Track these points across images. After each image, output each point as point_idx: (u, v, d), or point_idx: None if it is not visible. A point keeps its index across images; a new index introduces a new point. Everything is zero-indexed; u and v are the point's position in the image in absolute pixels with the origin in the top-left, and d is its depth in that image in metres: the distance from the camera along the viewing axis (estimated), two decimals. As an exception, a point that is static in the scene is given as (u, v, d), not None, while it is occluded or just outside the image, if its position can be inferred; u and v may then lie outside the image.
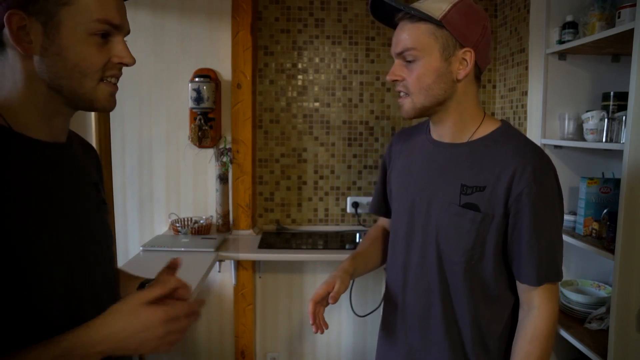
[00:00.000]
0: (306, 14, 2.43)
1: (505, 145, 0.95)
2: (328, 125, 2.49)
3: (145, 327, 0.66)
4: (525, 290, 0.96)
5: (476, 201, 0.94)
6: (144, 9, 2.30)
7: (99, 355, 0.64)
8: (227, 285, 2.42)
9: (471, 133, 0.99)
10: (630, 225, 1.35)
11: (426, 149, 1.06)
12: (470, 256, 0.96)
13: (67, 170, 0.74)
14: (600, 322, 1.63)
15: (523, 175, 0.91)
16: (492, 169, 0.94)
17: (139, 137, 2.36)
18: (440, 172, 1.00)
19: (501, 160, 0.93)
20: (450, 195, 0.97)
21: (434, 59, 0.92)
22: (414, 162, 1.08)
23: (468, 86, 0.97)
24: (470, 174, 0.96)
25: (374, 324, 2.54)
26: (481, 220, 0.94)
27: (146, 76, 2.33)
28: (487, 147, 0.97)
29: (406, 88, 0.96)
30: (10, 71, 0.67)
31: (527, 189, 0.90)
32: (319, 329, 0.99)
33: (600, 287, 1.85)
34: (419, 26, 0.91)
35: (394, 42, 0.96)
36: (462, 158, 0.98)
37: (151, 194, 2.39)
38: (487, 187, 0.93)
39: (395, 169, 1.15)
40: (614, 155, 1.86)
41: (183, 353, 2.47)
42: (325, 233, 2.45)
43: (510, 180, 0.91)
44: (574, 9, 1.83)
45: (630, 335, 1.37)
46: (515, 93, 2.29)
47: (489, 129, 0.98)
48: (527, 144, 0.97)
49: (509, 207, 0.93)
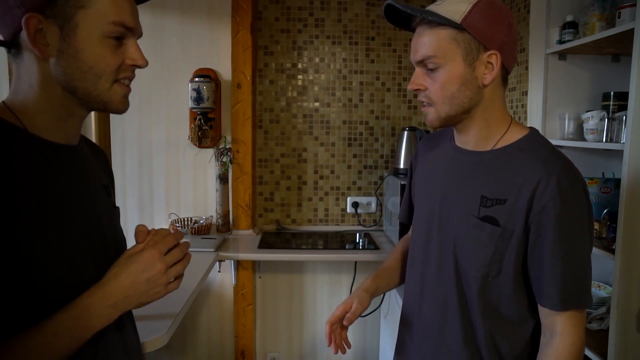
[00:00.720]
0: (306, 14, 2.43)
1: (530, 154, 0.88)
2: (328, 125, 2.48)
3: (144, 266, 0.69)
4: (547, 315, 0.88)
5: (496, 214, 0.87)
6: (144, 9, 2.27)
7: (112, 309, 0.67)
8: (227, 286, 2.42)
9: (496, 140, 0.92)
10: (631, 226, 1.35)
11: (449, 156, 1.00)
12: (487, 272, 0.89)
13: (80, 173, 0.76)
14: (600, 322, 1.63)
15: (547, 188, 0.83)
16: (514, 180, 0.86)
17: (139, 137, 2.36)
18: (460, 180, 0.95)
19: (524, 171, 0.86)
20: (469, 206, 0.91)
21: (457, 65, 0.85)
22: (436, 169, 1.03)
23: (495, 90, 0.90)
24: (491, 184, 0.89)
25: (374, 324, 2.54)
26: (500, 235, 0.87)
27: (146, 76, 2.33)
28: (510, 156, 0.89)
29: (429, 98, 0.90)
30: (26, 74, 0.68)
31: (551, 202, 0.82)
32: (340, 349, 0.96)
33: (600, 287, 1.85)
34: (438, 32, 0.85)
35: (413, 49, 0.89)
36: (484, 167, 0.91)
37: (151, 194, 2.39)
38: (508, 199, 0.86)
39: (418, 175, 1.10)
40: (614, 155, 1.86)
41: (183, 353, 2.47)
42: (325, 233, 2.45)
43: (532, 193, 0.84)
44: (574, 9, 1.82)
45: (630, 335, 1.37)
46: (515, 93, 2.29)
47: (515, 137, 0.91)
48: (554, 153, 0.89)
49: (529, 222, 0.85)
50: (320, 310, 2.52)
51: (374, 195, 2.53)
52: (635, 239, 1.35)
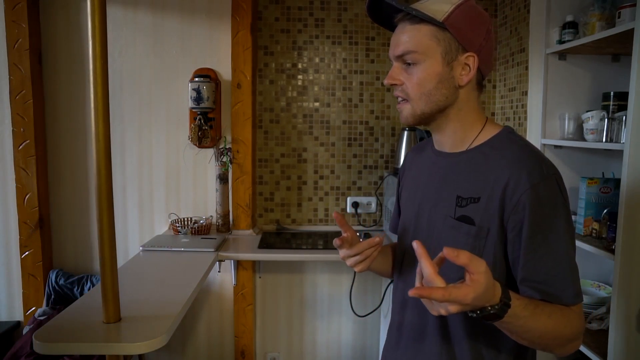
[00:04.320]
0: (306, 14, 2.43)
1: (502, 152, 0.87)
2: (328, 125, 2.48)
3: None
4: None
5: (471, 214, 0.87)
6: (144, 9, 2.30)
7: None
8: (227, 285, 2.42)
9: (471, 141, 0.93)
10: (631, 225, 1.35)
11: (430, 161, 1.02)
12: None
13: None
14: (600, 322, 1.63)
15: (518, 185, 0.81)
16: (487, 178, 0.86)
17: (139, 137, 2.36)
18: (440, 183, 0.95)
19: (496, 168, 0.85)
20: (447, 208, 0.91)
21: (435, 63, 0.86)
22: (420, 175, 1.04)
23: (470, 93, 0.91)
24: (466, 184, 0.89)
25: (373, 324, 2.54)
26: (476, 234, 0.86)
27: (146, 76, 2.33)
28: (484, 154, 0.89)
29: (405, 93, 0.91)
30: None
31: (524, 198, 0.81)
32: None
33: (600, 287, 1.85)
34: (420, 28, 0.86)
35: (393, 44, 0.90)
36: (460, 167, 0.92)
37: (151, 194, 2.39)
38: (482, 198, 0.86)
39: (405, 184, 1.11)
40: (614, 155, 1.86)
41: (183, 353, 2.47)
42: (325, 233, 2.45)
43: (503, 191, 0.83)
44: (574, 9, 1.83)
45: (630, 335, 1.37)
46: (515, 93, 2.29)
47: (488, 135, 0.92)
48: (525, 149, 0.87)
49: (505, 220, 0.84)
50: (320, 310, 2.53)
51: (374, 195, 2.53)
52: (635, 239, 1.35)
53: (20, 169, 2.23)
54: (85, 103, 2.32)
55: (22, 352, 1.99)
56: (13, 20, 2.16)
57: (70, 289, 2.26)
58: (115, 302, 1.22)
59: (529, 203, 0.81)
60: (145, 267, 1.81)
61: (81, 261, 2.40)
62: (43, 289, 2.28)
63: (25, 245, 2.26)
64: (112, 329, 1.20)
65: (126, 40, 2.30)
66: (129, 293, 1.41)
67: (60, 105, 2.32)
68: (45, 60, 2.29)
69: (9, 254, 2.32)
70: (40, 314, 2.16)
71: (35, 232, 2.26)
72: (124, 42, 2.30)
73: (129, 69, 2.32)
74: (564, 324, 0.80)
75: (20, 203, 2.24)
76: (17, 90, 2.19)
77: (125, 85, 2.33)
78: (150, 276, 1.70)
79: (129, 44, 2.31)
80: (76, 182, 2.36)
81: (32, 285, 2.28)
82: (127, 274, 1.67)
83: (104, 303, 1.21)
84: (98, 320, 1.22)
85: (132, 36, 2.30)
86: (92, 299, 1.40)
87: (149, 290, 1.53)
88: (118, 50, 2.30)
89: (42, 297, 2.28)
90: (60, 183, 2.36)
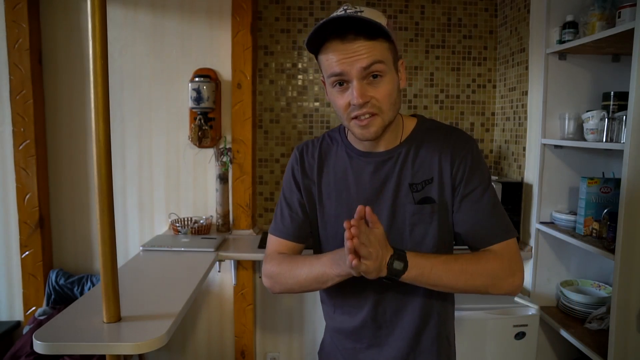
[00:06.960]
0: (306, 14, 2.43)
1: (432, 135, 1.00)
2: (328, 125, 2.48)
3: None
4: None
5: (428, 194, 0.97)
6: (144, 9, 2.30)
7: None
8: (227, 285, 2.42)
9: (400, 134, 1.01)
10: (631, 225, 1.36)
11: (358, 164, 1.01)
12: (440, 244, 0.99)
13: None
14: (600, 322, 1.63)
15: (459, 156, 0.96)
16: (432, 160, 0.98)
17: (139, 136, 2.36)
18: (384, 181, 0.99)
19: (437, 149, 0.98)
20: (403, 199, 0.98)
21: (393, 72, 0.91)
22: (346, 181, 1.02)
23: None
24: (412, 171, 0.98)
25: (374, 324, 2.54)
26: (439, 209, 0.97)
27: (146, 76, 2.33)
28: (416, 142, 1.00)
29: (377, 107, 0.90)
30: None
31: (463, 164, 0.96)
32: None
33: (600, 287, 1.85)
34: (379, 41, 0.87)
35: (352, 60, 0.86)
36: (401, 160, 0.99)
37: (151, 194, 2.39)
38: (434, 177, 0.97)
39: (324, 194, 1.04)
40: (614, 155, 1.86)
41: (183, 353, 2.47)
42: (325, 233, 2.45)
43: (451, 165, 0.96)
44: (574, 8, 1.83)
45: (630, 335, 1.37)
46: (515, 93, 2.29)
47: (412, 126, 1.02)
48: (445, 127, 1.02)
49: (456, 188, 0.97)
50: (320, 310, 2.52)
51: (374, 195, 2.53)
52: (635, 239, 1.35)
53: (21, 169, 2.23)
54: (86, 103, 2.32)
55: (22, 352, 1.99)
56: (13, 20, 2.16)
57: (70, 288, 2.26)
58: (116, 302, 1.22)
59: (468, 166, 0.96)
60: (145, 267, 1.81)
61: (81, 261, 2.40)
62: (43, 288, 2.28)
63: (25, 245, 2.26)
64: (112, 328, 1.20)
65: (126, 40, 2.30)
66: (129, 293, 1.41)
67: (60, 105, 2.32)
68: (45, 60, 2.29)
69: (9, 253, 2.33)
70: (41, 313, 2.16)
71: (35, 232, 2.26)
72: (124, 42, 2.30)
73: (129, 69, 2.32)
74: (483, 262, 0.91)
75: (20, 203, 2.24)
76: (17, 90, 2.19)
77: (126, 85, 2.33)
78: (151, 276, 1.70)
79: (129, 44, 2.31)
80: (76, 182, 2.37)
81: (32, 285, 2.28)
82: (127, 273, 1.68)
83: (104, 303, 1.21)
84: (98, 320, 1.22)
85: (132, 36, 2.30)
86: (92, 299, 1.40)
87: (149, 290, 1.53)
88: (118, 50, 2.29)
89: (42, 297, 2.28)
90: (60, 183, 2.36)
